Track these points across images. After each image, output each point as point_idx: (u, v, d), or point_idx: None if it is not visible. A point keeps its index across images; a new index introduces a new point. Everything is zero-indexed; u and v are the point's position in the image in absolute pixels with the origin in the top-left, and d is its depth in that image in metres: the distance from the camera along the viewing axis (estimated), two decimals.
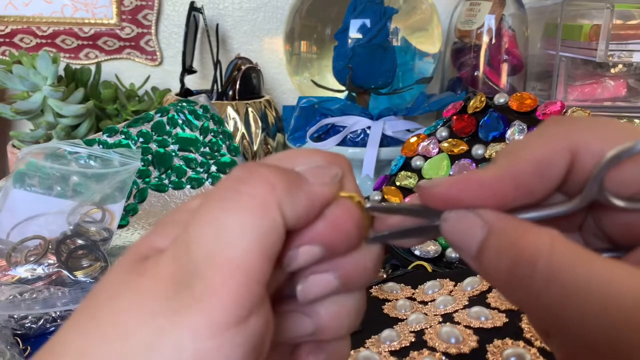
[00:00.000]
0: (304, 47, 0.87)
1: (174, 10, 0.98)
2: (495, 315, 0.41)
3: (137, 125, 0.71)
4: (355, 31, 0.78)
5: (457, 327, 0.40)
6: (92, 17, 0.96)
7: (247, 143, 0.82)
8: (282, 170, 0.19)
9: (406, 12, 0.84)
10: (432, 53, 0.87)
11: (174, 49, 0.99)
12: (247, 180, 0.18)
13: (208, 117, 0.74)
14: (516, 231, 0.18)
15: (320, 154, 0.21)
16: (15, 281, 0.52)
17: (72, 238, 0.55)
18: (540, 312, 0.18)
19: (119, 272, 0.18)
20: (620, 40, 0.73)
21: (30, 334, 0.49)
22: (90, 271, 0.54)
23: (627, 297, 0.16)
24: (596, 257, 0.17)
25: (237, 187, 0.18)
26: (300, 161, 0.20)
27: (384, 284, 0.51)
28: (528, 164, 0.19)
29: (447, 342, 0.39)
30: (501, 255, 0.18)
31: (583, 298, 0.16)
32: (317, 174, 0.20)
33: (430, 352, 0.39)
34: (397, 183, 0.67)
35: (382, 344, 0.40)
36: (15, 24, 0.95)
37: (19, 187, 0.58)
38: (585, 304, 0.16)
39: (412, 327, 0.42)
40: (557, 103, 0.59)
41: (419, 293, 0.50)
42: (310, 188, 0.19)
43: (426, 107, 0.78)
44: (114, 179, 0.60)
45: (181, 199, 0.70)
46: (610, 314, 0.16)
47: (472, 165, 0.62)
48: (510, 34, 0.85)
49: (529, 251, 0.17)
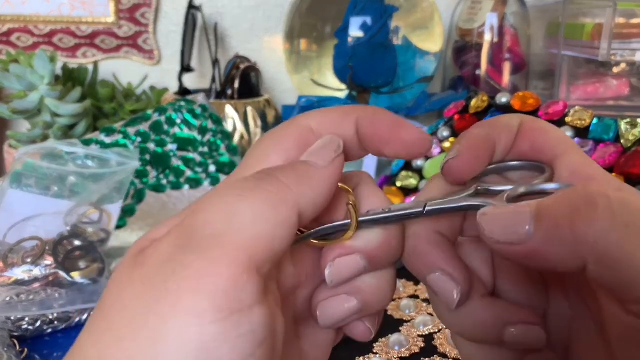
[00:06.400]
0: (303, 45, 0.86)
1: (172, 8, 0.98)
2: None
3: (134, 124, 0.70)
4: (355, 29, 0.78)
5: None
6: (89, 15, 0.95)
7: (246, 143, 0.82)
8: (292, 169, 0.20)
9: (407, 10, 0.83)
10: (434, 52, 0.86)
11: (172, 47, 0.98)
12: (266, 179, 0.19)
13: (206, 117, 0.74)
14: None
15: (328, 119, 0.22)
16: (12, 282, 0.52)
17: (69, 239, 0.55)
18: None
19: (121, 269, 0.18)
20: (622, 39, 0.73)
21: (27, 336, 0.48)
22: (88, 272, 0.53)
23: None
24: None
25: (256, 184, 0.19)
26: (313, 129, 0.22)
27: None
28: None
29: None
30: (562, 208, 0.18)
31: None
32: (322, 155, 0.21)
33: (442, 358, 0.38)
34: (398, 183, 0.66)
35: (391, 350, 0.40)
36: (13, 23, 0.94)
37: (16, 187, 0.58)
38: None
39: (419, 331, 0.42)
40: (559, 102, 0.59)
41: (421, 290, 0.50)
42: (319, 174, 0.20)
43: (427, 106, 0.78)
44: (112, 179, 0.59)
45: (179, 199, 0.69)
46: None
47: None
48: (512, 32, 0.85)
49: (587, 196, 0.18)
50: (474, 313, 0.22)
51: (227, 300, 0.16)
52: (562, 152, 0.22)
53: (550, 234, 0.18)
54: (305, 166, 0.20)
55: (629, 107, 0.77)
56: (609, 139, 0.54)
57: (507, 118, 0.24)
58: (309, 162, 0.20)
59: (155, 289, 0.16)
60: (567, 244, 0.17)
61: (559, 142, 0.23)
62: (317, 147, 0.21)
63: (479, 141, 0.23)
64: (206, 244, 0.17)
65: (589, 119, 0.56)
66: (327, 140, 0.21)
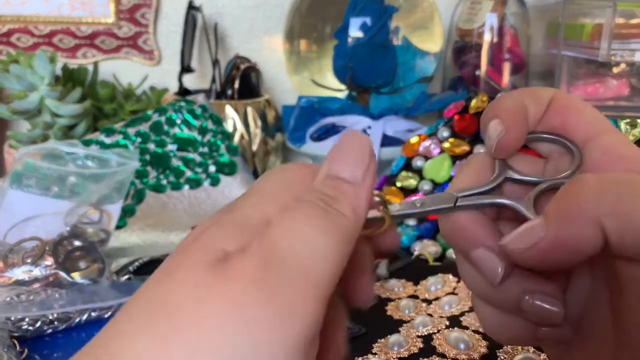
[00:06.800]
0: (303, 45, 0.86)
1: (172, 9, 0.98)
2: None
3: (135, 125, 0.70)
4: (355, 30, 0.78)
5: (465, 333, 0.40)
6: (89, 16, 0.95)
7: (246, 143, 0.82)
8: (345, 198, 0.20)
9: (407, 11, 0.83)
10: (433, 52, 0.86)
11: (172, 48, 0.98)
12: (339, 199, 0.19)
13: (206, 117, 0.74)
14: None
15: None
16: (12, 283, 0.52)
17: (69, 239, 0.55)
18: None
19: (195, 271, 0.17)
20: (622, 40, 0.73)
21: (27, 336, 0.48)
22: (88, 273, 0.53)
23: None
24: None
25: (331, 205, 0.19)
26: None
27: (385, 282, 0.51)
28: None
29: (456, 348, 0.39)
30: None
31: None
32: (357, 167, 0.20)
33: (440, 358, 0.38)
34: (398, 184, 0.66)
35: (390, 350, 0.40)
36: (12, 23, 0.94)
37: (16, 187, 0.58)
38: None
39: (418, 332, 0.42)
40: None
41: (421, 290, 0.50)
42: (362, 194, 0.20)
43: (427, 106, 0.78)
44: (112, 180, 0.59)
45: (179, 200, 0.69)
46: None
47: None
48: (512, 32, 0.85)
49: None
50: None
51: (312, 333, 0.17)
52: (596, 134, 0.22)
53: (560, 220, 0.19)
54: (353, 188, 0.20)
55: (628, 108, 0.77)
56: None
57: (537, 90, 0.24)
58: (350, 181, 0.20)
59: (246, 311, 0.16)
60: (578, 220, 0.19)
61: (593, 124, 0.23)
62: (347, 153, 0.21)
63: (519, 113, 0.23)
64: (294, 276, 0.17)
65: None
66: (356, 147, 0.21)
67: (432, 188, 0.65)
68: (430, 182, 0.65)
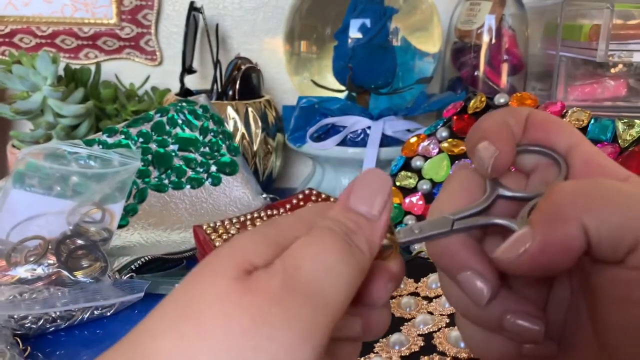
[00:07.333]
0: (303, 47, 0.87)
1: (174, 10, 0.98)
2: None
3: (136, 125, 0.71)
4: (355, 31, 0.78)
5: None
6: (91, 17, 0.96)
7: (247, 143, 0.82)
8: (362, 233, 0.21)
9: (406, 12, 0.84)
10: (432, 53, 0.87)
11: (174, 48, 0.98)
12: (357, 234, 0.21)
13: (208, 117, 0.74)
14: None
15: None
16: (15, 281, 0.52)
17: (71, 238, 0.55)
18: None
19: (221, 281, 0.18)
20: (620, 40, 0.73)
21: (30, 334, 0.48)
22: (90, 271, 0.54)
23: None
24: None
25: (351, 238, 0.20)
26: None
27: None
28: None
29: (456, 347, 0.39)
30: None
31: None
32: (375, 203, 0.22)
33: (441, 357, 0.39)
34: (397, 183, 0.67)
35: (391, 349, 0.40)
36: (15, 24, 0.95)
37: (19, 187, 0.58)
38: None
39: (419, 330, 0.42)
40: (557, 103, 0.59)
41: (422, 287, 0.50)
42: (379, 232, 0.21)
43: (426, 107, 0.78)
44: (114, 179, 0.60)
45: (181, 199, 0.70)
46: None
47: (472, 165, 0.62)
48: (511, 33, 0.85)
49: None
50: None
51: (319, 356, 0.18)
52: (575, 142, 0.24)
53: (545, 224, 0.20)
54: (370, 225, 0.21)
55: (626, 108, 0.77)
56: (606, 139, 0.55)
57: (515, 108, 0.25)
58: (367, 217, 0.21)
59: (267, 328, 0.17)
60: (561, 222, 0.20)
61: (571, 134, 0.24)
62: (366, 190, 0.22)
63: (505, 132, 0.24)
64: (315, 301, 0.18)
65: (586, 120, 0.56)
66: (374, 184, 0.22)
67: (431, 187, 0.65)
68: (429, 181, 0.65)
